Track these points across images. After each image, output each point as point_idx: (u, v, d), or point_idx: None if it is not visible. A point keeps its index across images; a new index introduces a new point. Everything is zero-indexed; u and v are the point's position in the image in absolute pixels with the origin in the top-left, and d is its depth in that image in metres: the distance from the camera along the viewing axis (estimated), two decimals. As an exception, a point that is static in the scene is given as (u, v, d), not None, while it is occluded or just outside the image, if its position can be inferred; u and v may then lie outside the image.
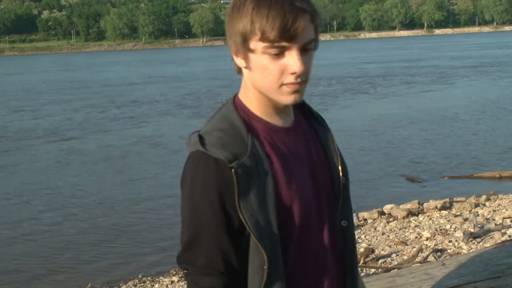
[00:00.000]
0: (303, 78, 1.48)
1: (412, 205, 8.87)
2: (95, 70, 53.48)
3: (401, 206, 8.86)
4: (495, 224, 7.35)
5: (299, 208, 1.53)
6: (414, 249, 6.66)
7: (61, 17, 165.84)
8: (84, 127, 19.41)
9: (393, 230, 7.77)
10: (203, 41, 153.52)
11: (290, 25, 1.42)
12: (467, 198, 9.20)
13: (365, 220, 8.56)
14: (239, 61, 1.52)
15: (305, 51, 1.46)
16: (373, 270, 6.18)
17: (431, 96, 24.05)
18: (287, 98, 1.50)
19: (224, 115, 1.54)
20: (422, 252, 6.52)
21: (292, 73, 1.46)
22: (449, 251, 6.48)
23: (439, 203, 8.81)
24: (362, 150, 14.09)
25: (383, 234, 7.62)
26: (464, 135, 15.38)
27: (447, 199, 8.99)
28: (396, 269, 4.17)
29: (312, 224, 1.57)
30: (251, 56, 1.48)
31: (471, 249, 6.36)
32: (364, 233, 7.75)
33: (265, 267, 1.47)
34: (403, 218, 8.38)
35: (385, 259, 6.59)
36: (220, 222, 1.47)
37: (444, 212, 8.43)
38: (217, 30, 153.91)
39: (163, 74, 43.02)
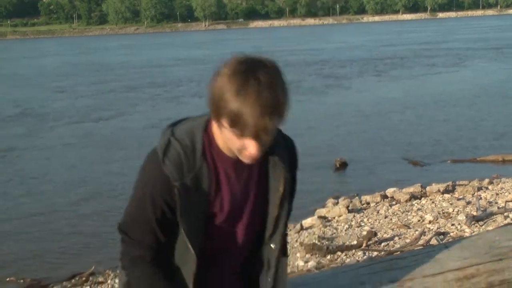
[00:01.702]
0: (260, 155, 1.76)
1: (414, 188, 8.87)
2: (112, 54, 53.03)
3: (403, 190, 8.86)
4: (498, 207, 7.36)
5: (223, 218, 1.90)
6: (417, 232, 6.67)
7: (63, 0, 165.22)
8: (115, 108, 19.35)
9: (395, 213, 7.78)
10: (205, 25, 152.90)
11: (258, 127, 1.66)
12: (470, 182, 9.19)
13: (368, 203, 8.57)
14: (213, 120, 1.78)
15: (266, 142, 1.74)
16: (375, 253, 6.19)
17: (440, 79, 23.98)
18: (245, 160, 1.79)
19: (193, 130, 1.86)
20: (424, 235, 6.53)
21: (249, 153, 1.74)
22: (451, 234, 6.49)
23: (441, 186, 8.81)
24: (365, 133, 14.09)
25: (385, 217, 7.63)
26: (469, 119, 15.34)
27: (449, 183, 8.98)
28: (398, 252, 4.18)
29: (230, 234, 1.96)
30: (220, 126, 1.73)
31: (473, 232, 6.36)
32: (366, 216, 7.76)
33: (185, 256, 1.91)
34: (406, 201, 8.39)
35: (388, 242, 6.60)
36: (157, 219, 1.86)
37: (446, 196, 8.43)
38: (220, 14, 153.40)
39: (187, 56, 42.60)
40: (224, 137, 1.78)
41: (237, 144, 1.74)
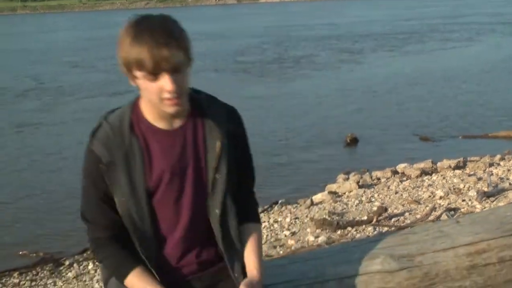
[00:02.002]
0: (178, 93, 1.89)
1: (425, 164, 8.84)
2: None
3: (414, 165, 8.83)
4: (509, 184, 7.32)
5: (164, 190, 2.01)
6: (427, 208, 6.66)
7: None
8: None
9: (406, 189, 7.76)
10: (215, 0, 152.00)
11: (158, 57, 1.80)
12: (481, 158, 9.14)
13: (378, 179, 8.55)
14: (130, 82, 1.93)
15: (177, 73, 1.86)
16: (385, 228, 6.20)
17: (453, 54, 23.75)
18: (169, 110, 1.93)
19: (122, 112, 2.02)
20: (435, 211, 6.52)
21: (167, 91, 1.86)
22: (462, 210, 6.48)
23: (453, 162, 8.77)
24: (376, 108, 14.03)
25: (396, 193, 7.62)
26: (481, 94, 15.21)
27: (461, 159, 8.93)
28: (409, 227, 4.18)
29: (175, 202, 2.04)
30: (136, 80, 1.89)
31: (484, 208, 6.35)
32: (377, 192, 7.75)
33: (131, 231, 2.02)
34: (416, 177, 8.36)
35: (398, 217, 6.60)
36: (101, 198, 2.01)
37: (457, 172, 8.40)
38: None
39: (200, 31, 42.23)
40: (145, 93, 1.93)
41: (155, 90, 1.87)
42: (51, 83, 20.28)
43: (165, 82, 1.85)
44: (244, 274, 2.09)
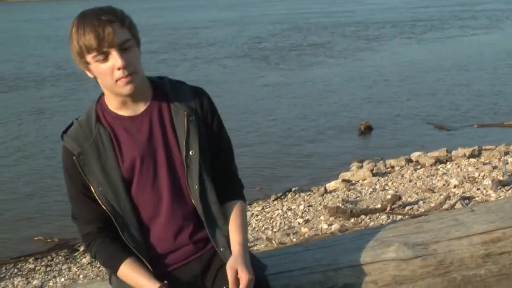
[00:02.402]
0: (130, 71, 1.93)
1: (440, 153, 8.80)
2: (141, 15, 51.58)
3: (428, 154, 8.79)
4: (525, 172, 7.28)
5: (138, 176, 2.05)
6: (442, 197, 6.64)
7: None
8: (153, 69, 19.29)
9: (420, 177, 7.74)
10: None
11: (102, 34, 1.87)
12: (496, 146, 9.07)
13: (392, 167, 8.53)
14: (88, 74, 2.00)
15: (125, 50, 1.92)
16: (399, 216, 6.19)
17: (472, 41, 23.50)
18: (124, 89, 1.96)
19: (89, 109, 2.10)
20: (449, 200, 6.50)
21: (118, 69, 1.91)
22: (477, 199, 6.45)
23: (467, 151, 8.72)
24: (391, 96, 13.95)
25: (410, 181, 7.60)
26: (496, 83, 15.08)
27: (476, 147, 8.88)
28: (423, 216, 4.16)
29: (152, 185, 2.07)
30: (90, 67, 1.96)
31: (499, 197, 6.32)
32: (391, 180, 7.73)
33: (114, 220, 2.04)
34: (431, 165, 8.33)
35: (412, 206, 6.59)
36: (79, 193, 2.06)
37: (472, 160, 8.36)
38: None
39: (218, 18, 42.06)
40: (100, 80, 1.99)
41: (107, 70, 1.93)
42: (71, 69, 20.21)
43: (114, 59, 1.91)
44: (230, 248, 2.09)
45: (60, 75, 19.17)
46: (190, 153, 2.05)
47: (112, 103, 2.06)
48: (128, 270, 2.04)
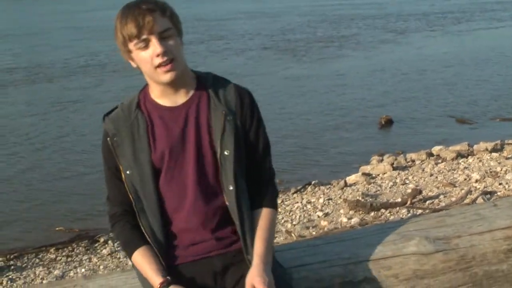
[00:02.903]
0: (169, 56, 1.98)
1: (461, 147, 8.73)
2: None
3: (450, 148, 8.72)
4: (548, 167, 7.20)
5: (166, 164, 2.08)
6: (463, 191, 6.59)
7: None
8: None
9: (441, 171, 7.68)
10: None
11: (142, 22, 1.94)
12: (519, 141, 8.99)
13: (413, 161, 8.47)
14: (132, 64, 2.07)
15: (165, 38, 1.98)
16: (420, 211, 6.15)
17: (500, 34, 23.20)
18: (164, 77, 2.01)
19: (133, 95, 2.16)
20: (470, 194, 6.45)
21: (157, 56, 1.96)
22: (499, 193, 6.39)
23: (489, 145, 8.64)
24: (412, 89, 13.85)
25: (431, 175, 7.55)
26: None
27: (498, 141, 8.79)
28: (444, 210, 4.13)
29: (178, 178, 2.09)
30: (132, 55, 2.03)
31: (521, 191, 6.26)
32: (411, 174, 7.68)
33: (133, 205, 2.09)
34: (452, 160, 8.26)
35: (433, 200, 6.54)
36: (112, 174, 2.13)
37: (494, 155, 8.27)
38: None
39: (246, 10, 41.69)
40: (142, 68, 2.04)
41: (147, 57, 1.98)
42: (104, 60, 20.22)
43: (154, 46, 1.96)
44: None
45: (93, 65, 19.20)
46: (225, 153, 2.05)
47: (154, 92, 2.10)
48: (139, 258, 2.08)
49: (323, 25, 28.43)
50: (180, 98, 2.10)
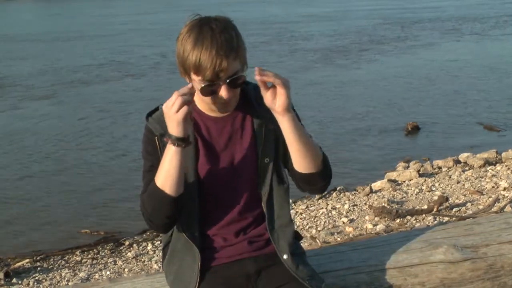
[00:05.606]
0: (232, 102, 2.05)
1: (489, 154, 8.62)
2: (229, 10, 49.05)
3: (477, 155, 8.62)
4: None
5: (209, 171, 2.12)
6: (491, 199, 6.51)
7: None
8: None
9: (468, 179, 7.59)
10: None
11: (218, 68, 1.91)
12: (549, 149, 8.84)
13: (440, 168, 8.39)
14: (184, 78, 2.04)
15: (233, 83, 1.97)
16: (446, 218, 6.08)
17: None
18: (219, 110, 2.08)
19: None
20: (498, 202, 6.36)
21: (221, 99, 2.00)
22: (527, 202, 6.30)
23: (518, 153, 8.52)
24: (440, 95, 13.70)
25: (458, 182, 7.47)
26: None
27: (527, 149, 8.67)
28: (471, 218, 4.07)
29: (220, 183, 2.14)
30: (192, 81, 2.00)
31: (551, 200, 6.15)
32: (438, 181, 7.61)
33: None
34: (480, 167, 8.17)
35: (460, 208, 6.47)
36: (153, 167, 2.08)
37: (523, 162, 8.16)
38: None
39: (309, 13, 41.23)
40: (198, 93, 2.01)
41: (210, 93, 2.00)
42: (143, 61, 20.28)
43: (222, 92, 1.97)
44: (291, 254, 2.13)
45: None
46: (265, 160, 2.13)
47: (200, 103, 2.13)
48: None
49: (377, 29, 27.77)
50: (224, 110, 2.13)
